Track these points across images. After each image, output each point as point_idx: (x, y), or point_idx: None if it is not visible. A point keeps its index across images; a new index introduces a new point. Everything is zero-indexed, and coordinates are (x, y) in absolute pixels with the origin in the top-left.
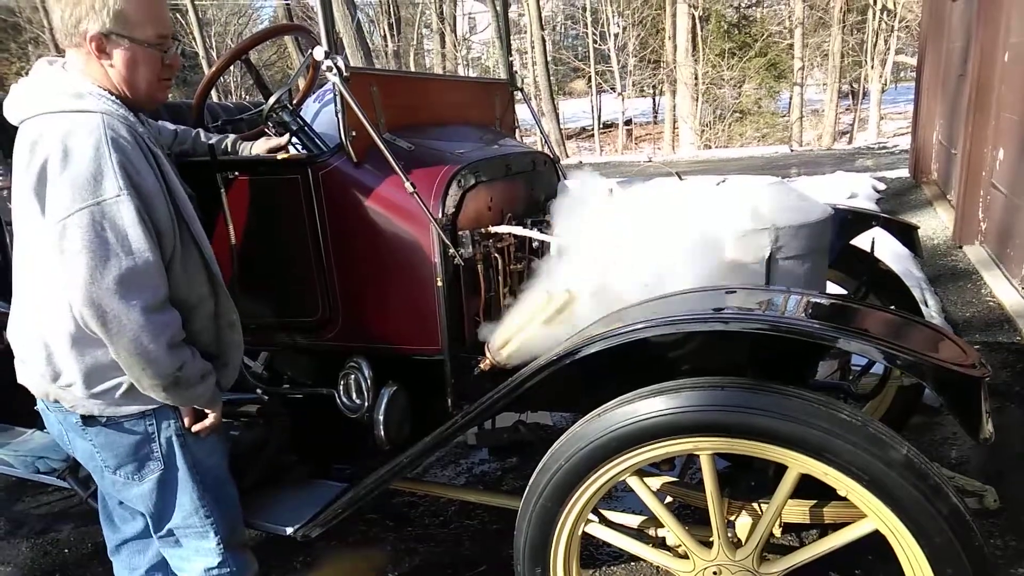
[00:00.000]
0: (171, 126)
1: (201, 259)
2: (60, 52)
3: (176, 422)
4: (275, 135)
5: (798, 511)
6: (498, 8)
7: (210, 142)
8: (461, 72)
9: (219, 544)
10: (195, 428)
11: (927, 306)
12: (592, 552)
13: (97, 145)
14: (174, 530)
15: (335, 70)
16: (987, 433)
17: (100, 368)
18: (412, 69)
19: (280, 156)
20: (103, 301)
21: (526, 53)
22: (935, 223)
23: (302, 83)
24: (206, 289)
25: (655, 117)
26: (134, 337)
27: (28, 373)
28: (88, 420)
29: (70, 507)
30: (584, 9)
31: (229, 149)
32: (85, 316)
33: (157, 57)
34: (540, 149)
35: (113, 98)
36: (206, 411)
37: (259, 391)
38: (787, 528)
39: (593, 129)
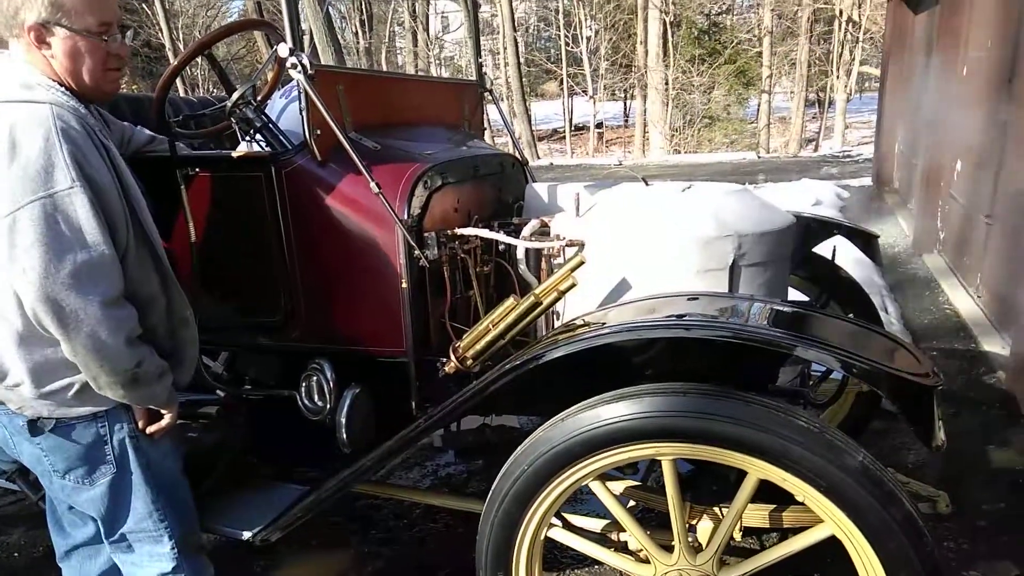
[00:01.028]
0: (148, 132)
1: (152, 256)
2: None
3: (130, 424)
4: (239, 131)
5: (758, 515)
6: (469, 8)
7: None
8: (433, 71)
9: (173, 549)
10: (150, 430)
11: (887, 313)
12: (556, 555)
13: (47, 136)
14: (127, 535)
15: (299, 68)
16: (939, 441)
17: (50, 367)
18: (384, 67)
19: (236, 153)
20: (59, 296)
21: (499, 54)
22: (896, 231)
23: (267, 79)
24: (157, 286)
25: (626, 121)
26: (91, 332)
27: None
28: (36, 422)
29: (20, 510)
30: (557, 12)
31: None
32: (39, 312)
33: (100, 46)
34: (509, 151)
35: (63, 89)
36: (162, 412)
37: (219, 392)
38: (747, 531)
39: (565, 131)
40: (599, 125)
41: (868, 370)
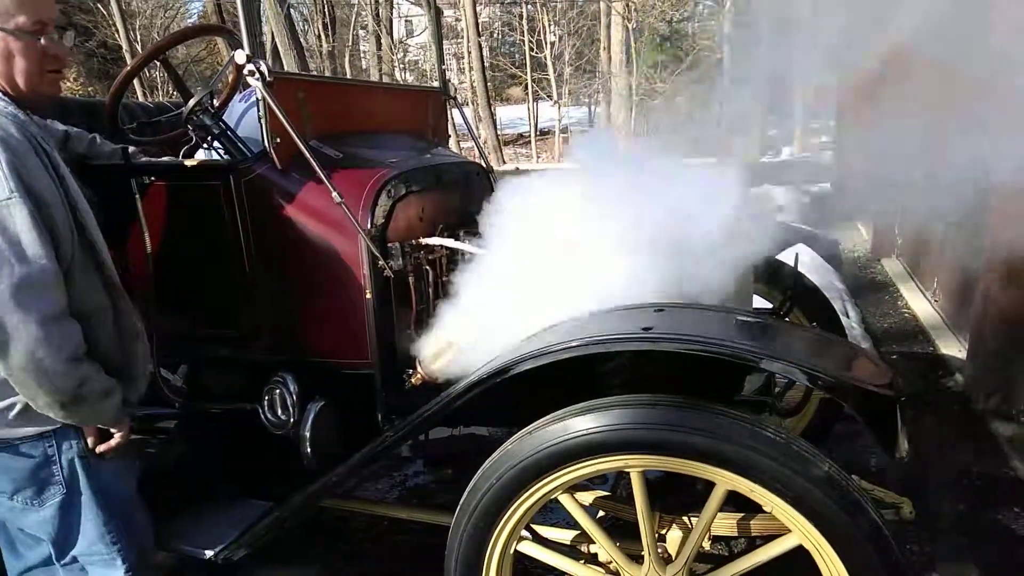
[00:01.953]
0: (61, 126)
1: (98, 268)
2: None
3: (79, 442)
4: (196, 139)
5: (727, 524)
6: (432, 14)
7: (108, 150)
8: (398, 75)
9: (127, 572)
10: (100, 449)
11: (848, 317)
12: (527, 566)
13: None
14: (79, 557)
15: (257, 75)
16: (902, 451)
17: None
18: (347, 70)
19: (189, 162)
20: None
21: (463, 58)
22: (856, 236)
23: (225, 85)
24: (104, 300)
25: (591, 126)
26: (29, 351)
27: None
28: None
29: None
30: (521, 17)
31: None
32: None
33: (35, 46)
34: (475, 158)
35: (3, 97)
36: (111, 430)
37: (178, 406)
38: (716, 539)
39: (530, 136)
40: (564, 130)
41: (832, 383)
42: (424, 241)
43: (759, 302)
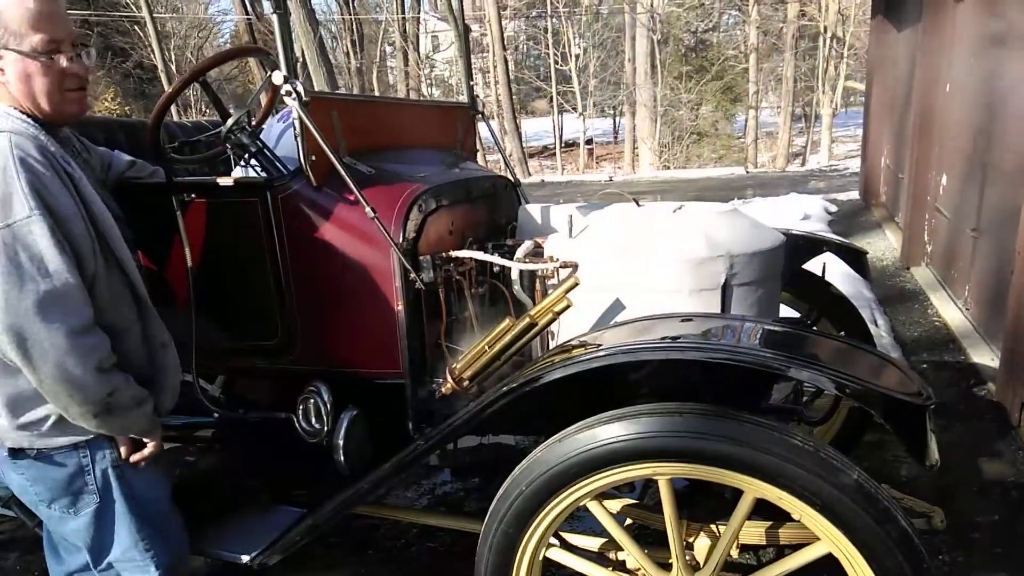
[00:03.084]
0: (104, 150)
1: (125, 283)
2: None
3: (112, 452)
4: (233, 157)
5: (755, 532)
6: (460, 31)
7: (149, 170)
8: (424, 90)
9: None
10: (133, 458)
11: (876, 326)
12: (554, 573)
13: (4, 166)
14: (114, 564)
15: (294, 95)
16: (933, 459)
17: (24, 398)
18: (375, 86)
19: (228, 180)
20: (23, 327)
21: (488, 72)
22: (884, 244)
23: (261, 104)
24: (131, 313)
25: (615, 137)
26: (58, 362)
27: None
28: (17, 453)
29: (16, 534)
30: (546, 31)
31: None
32: (3, 344)
33: (51, 66)
34: (501, 171)
35: (24, 117)
36: (144, 439)
37: (216, 415)
38: (744, 548)
39: (555, 148)
40: (589, 142)
41: (861, 391)
42: (454, 254)
43: (786, 311)
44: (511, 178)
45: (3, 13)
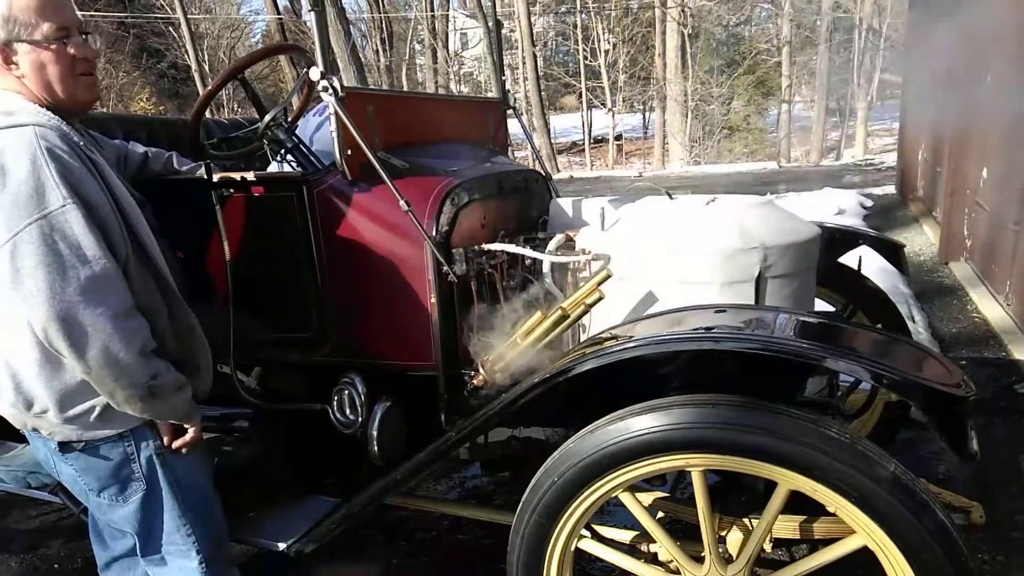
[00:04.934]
0: (141, 148)
1: (151, 270)
2: None
3: (155, 440)
4: (270, 152)
5: (788, 526)
6: (490, 26)
7: (184, 168)
8: (453, 87)
9: (201, 563)
10: (175, 444)
11: (914, 322)
12: (584, 567)
13: (33, 158)
14: (159, 548)
15: (331, 90)
16: (973, 451)
17: (71, 392)
18: (404, 83)
19: (265, 174)
20: (69, 313)
21: (517, 69)
22: (921, 239)
23: (296, 100)
24: (158, 297)
25: (645, 132)
26: (104, 346)
27: (2, 405)
28: (66, 446)
29: (60, 522)
30: (575, 26)
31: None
32: (50, 333)
33: (63, 52)
34: (531, 165)
35: (43, 109)
36: (185, 426)
37: (252, 407)
38: (777, 543)
39: (584, 144)
40: (618, 137)
41: (899, 381)
42: (486, 247)
43: (821, 305)
44: (542, 172)
45: (12, 4)
